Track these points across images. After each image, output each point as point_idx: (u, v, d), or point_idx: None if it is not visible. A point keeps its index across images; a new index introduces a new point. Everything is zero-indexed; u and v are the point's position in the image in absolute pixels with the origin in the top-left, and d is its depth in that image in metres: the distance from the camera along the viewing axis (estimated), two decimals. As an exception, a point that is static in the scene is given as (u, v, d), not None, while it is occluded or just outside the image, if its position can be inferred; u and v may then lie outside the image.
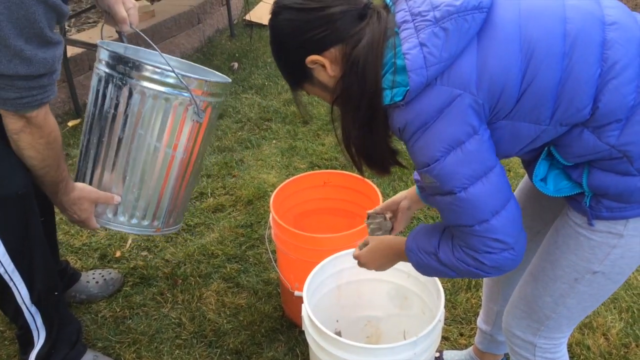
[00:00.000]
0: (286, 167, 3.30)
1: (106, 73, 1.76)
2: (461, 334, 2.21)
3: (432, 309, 1.74)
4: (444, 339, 2.19)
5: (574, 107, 1.16)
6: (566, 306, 1.40)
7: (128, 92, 1.73)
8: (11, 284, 1.75)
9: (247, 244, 2.69)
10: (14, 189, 1.64)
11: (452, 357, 2.05)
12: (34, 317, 1.86)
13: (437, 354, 2.06)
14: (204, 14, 5.07)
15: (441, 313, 1.58)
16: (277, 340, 2.21)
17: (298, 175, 2.34)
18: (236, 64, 4.65)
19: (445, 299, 2.33)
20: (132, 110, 1.74)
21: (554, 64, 1.15)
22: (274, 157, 3.40)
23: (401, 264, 1.79)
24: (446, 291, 2.38)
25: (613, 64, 1.15)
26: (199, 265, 2.56)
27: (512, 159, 1.29)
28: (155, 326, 2.26)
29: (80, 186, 1.81)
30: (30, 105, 1.52)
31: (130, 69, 1.70)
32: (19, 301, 1.80)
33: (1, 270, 1.71)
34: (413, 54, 1.14)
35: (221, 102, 1.89)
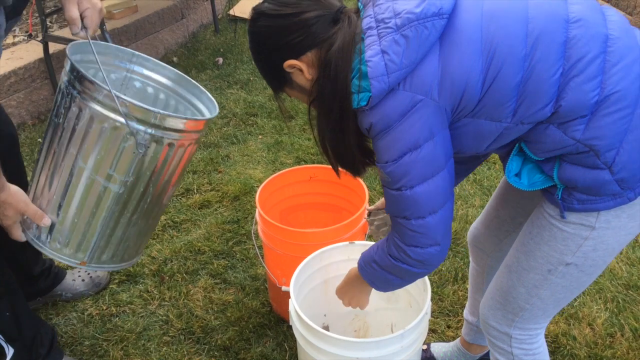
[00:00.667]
0: (272, 163, 3.29)
1: (64, 77, 1.58)
2: (448, 326, 2.22)
3: (418, 301, 1.75)
4: (432, 331, 2.20)
5: (535, 106, 1.19)
6: (540, 297, 1.42)
7: (68, 102, 1.53)
8: None
9: (234, 239, 2.69)
10: None
11: (439, 349, 2.06)
12: None
13: (424, 347, 2.06)
14: (188, 9, 5.04)
15: (427, 306, 1.59)
16: (265, 335, 2.21)
17: (284, 171, 2.34)
18: (221, 59, 4.63)
19: (432, 291, 2.35)
20: (68, 124, 1.54)
21: (515, 64, 1.18)
22: (260, 153, 3.39)
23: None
24: (433, 284, 2.39)
25: (576, 61, 1.17)
26: (186, 262, 2.55)
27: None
28: (143, 323, 2.25)
29: (13, 190, 1.59)
30: None
31: (74, 78, 1.50)
32: None
33: None
34: (375, 61, 1.18)
35: (188, 139, 1.60)
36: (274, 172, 2.80)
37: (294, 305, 1.61)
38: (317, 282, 1.91)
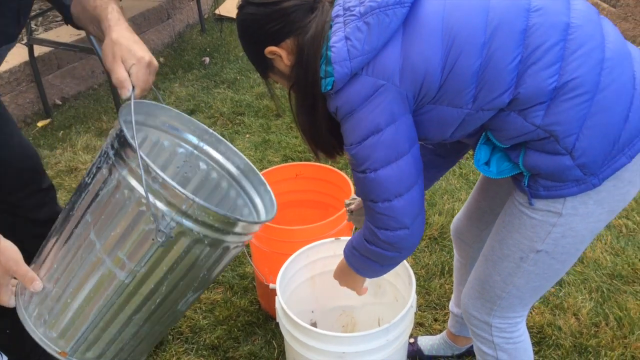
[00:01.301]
0: (260, 161, 3.30)
1: (111, 134, 1.36)
2: (435, 320, 2.24)
3: (404, 296, 1.76)
4: (419, 324, 2.22)
5: (494, 93, 1.22)
6: (515, 285, 1.44)
7: (102, 163, 1.32)
8: None
9: (222, 238, 2.69)
10: None
11: (426, 342, 2.08)
12: None
13: (411, 340, 2.08)
14: (174, 9, 5.03)
15: (412, 299, 1.60)
16: (254, 333, 2.22)
17: (270, 168, 2.35)
18: (207, 59, 4.63)
19: (419, 285, 2.37)
20: (94, 187, 1.32)
21: (473, 52, 1.21)
22: (247, 151, 3.40)
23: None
24: (420, 278, 2.41)
25: (534, 49, 1.20)
26: (174, 262, 2.55)
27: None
28: (132, 324, 2.26)
29: (3, 246, 1.34)
30: None
31: (116, 136, 1.29)
32: None
33: None
34: (338, 47, 1.23)
35: (224, 240, 1.33)
36: (261, 171, 2.81)
37: (280, 302, 1.62)
38: (304, 278, 1.92)
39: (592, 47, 1.22)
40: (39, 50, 3.82)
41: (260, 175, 1.63)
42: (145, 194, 1.19)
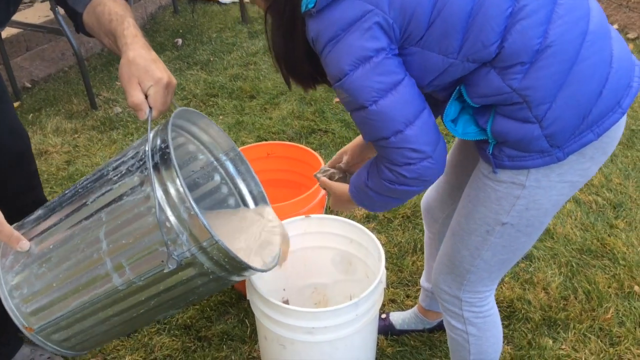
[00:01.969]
0: (234, 142, 3.28)
1: (154, 139, 1.32)
2: (407, 296, 2.25)
3: (375, 272, 1.77)
4: (391, 301, 2.23)
5: (481, 42, 1.19)
6: (482, 259, 1.45)
7: (135, 168, 1.30)
8: None
9: (195, 220, 2.67)
10: None
11: (397, 317, 2.10)
12: None
13: (383, 316, 2.10)
14: (145, -10, 4.96)
15: (382, 274, 1.61)
16: (226, 313, 2.22)
17: (241, 148, 2.33)
18: (180, 40, 4.57)
19: (392, 263, 2.38)
20: (119, 188, 1.30)
21: None
22: (220, 133, 3.37)
23: (343, 229, 1.82)
24: (392, 255, 2.43)
25: (524, 5, 1.17)
26: (147, 244, 2.54)
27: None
28: (103, 306, 2.24)
29: None
30: None
31: (160, 149, 1.26)
32: None
33: None
34: None
35: (223, 277, 1.34)
36: (233, 151, 2.80)
37: (250, 279, 1.62)
38: (275, 256, 1.92)
39: (579, 16, 1.21)
40: (7, 31, 3.75)
41: (270, 208, 1.64)
42: (176, 226, 1.21)
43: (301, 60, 1.31)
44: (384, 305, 2.21)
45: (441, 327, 2.07)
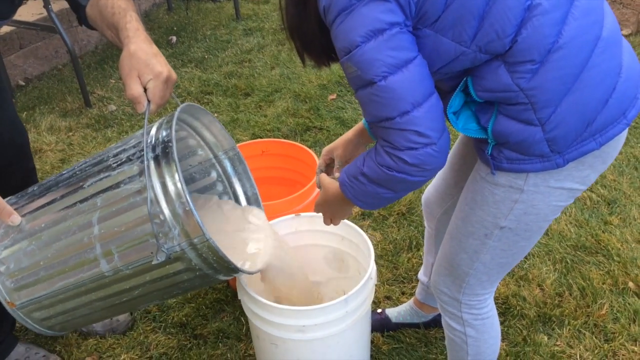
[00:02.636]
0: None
1: (157, 130, 1.33)
2: (403, 293, 2.25)
3: (366, 268, 1.77)
4: (387, 298, 2.23)
5: (495, 32, 1.15)
6: (481, 262, 1.44)
7: (135, 157, 1.30)
8: None
9: (190, 218, 2.67)
10: None
11: (393, 310, 2.10)
12: None
13: (379, 310, 2.11)
14: (140, -13, 4.94)
15: (371, 270, 1.61)
16: (222, 311, 2.21)
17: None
18: (174, 38, 4.56)
19: (387, 260, 2.38)
20: (117, 176, 1.31)
21: None
22: (215, 130, 3.37)
23: (334, 227, 1.81)
24: (388, 252, 2.43)
25: (541, 1, 1.14)
26: (141, 242, 2.53)
27: (450, 125, 1.31)
28: (98, 305, 2.24)
29: None
30: None
31: (162, 141, 1.27)
32: None
33: None
34: None
35: (209, 274, 1.35)
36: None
37: (240, 278, 1.62)
38: (269, 254, 1.91)
39: (593, 20, 1.19)
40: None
41: (263, 213, 1.64)
42: (170, 221, 1.22)
43: (314, 32, 1.26)
44: (379, 302, 2.21)
45: (436, 322, 2.08)
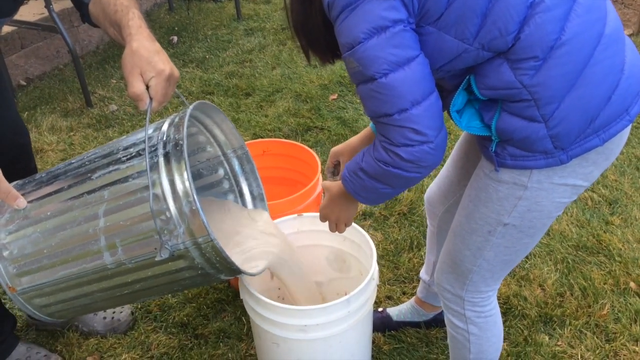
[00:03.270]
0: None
1: (169, 126, 1.34)
2: (404, 293, 2.25)
3: (368, 269, 1.77)
4: (387, 298, 2.23)
5: (498, 30, 1.16)
6: (485, 259, 1.44)
7: (144, 152, 1.30)
8: None
9: (191, 217, 2.67)
10: None
11: (394, 309, 2.10)
12: None
13: (380, 309, 2.11)
14: (141, -13, 4.94)
15: (373, 270, 1.61)
16: (223, 310, 2.21)
17: (236, 146, 2.33)
18: (175, 38, 4.56)
19: (388, 260, 2.38)
20: (125, 170, 1.32)
21: None
22: (216, 130, 3.37)
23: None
24: (389, 252, 2.43)
25: None
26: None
27: (452, 124, 1.30)
28: (99, 305, 2.24)
29: None
30: None
31: (173, 138, 1.28)
32: None
33: None
34: None
35: (211, 273, 1.36)
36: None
37: (241, 278, 1.62)
38: (270, 254, 1.91)
39: (596, 17, 1.20)
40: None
41: (268, 214, 1.65)
42: (176, 218, 1.22)
43: (319, 29, 1.27)
44: (380, 302, 2.21)
45: (437, 321, 2.08)
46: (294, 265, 1.66)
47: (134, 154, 1.33)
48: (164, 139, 1.30)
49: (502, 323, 1.65)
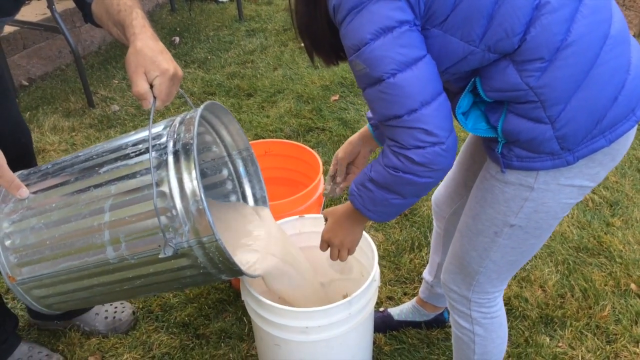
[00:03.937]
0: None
1: (179, 124, 1.35)
2: (405, 293, 2.26)
3: (369, 270, 1.77)
4: (388, 298, 2.24)
5: (504, 31, 1.16)
6: (492, 260, 1.44)
7: (154, 149, 1.31)
8: None
9: (193, 218, 2.68)
10: None
11: (396, 309, 2.11)
12: None
13: (382, 309, 2.12)
14: (143, -13, 4.95)
15: (375, 272, 1.61)
16: (225, 311, 2.22)
17: (238, 146, 2.33)
18: (177, 39, 4.57)
19: (389, 260, 2.38)
20: (134, 166, 1.33)
21: None
22: (218, 131, 3.37)
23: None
24: (390, 253, 2.43)
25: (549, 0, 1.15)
26: (144, 242, 2.54)
27: (457, 126, 1.29)
28: (101, 305, 2.24)
29: None
30: None
31: (183, 137, 1.29)
32: None
33: None
34: None
35: (212, 273, 1.36)
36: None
37: (243, 279, 1.62)
38: (272, 255, 1.92)
39: (602, 18, 1.20)
40: (4, 29, 3.73)
41: (271, 216, 1.65)
42: (181, 215, 1.23)
43: (324, 31, 1.27)
44: (381, 302, 2.21)
45: (438, 322, 2.08)
46: (298, 268, 1.66)
47: (142, 150, 1.34)
48: (174, 137, 1.31)
49: (505, 324, 1.66)
